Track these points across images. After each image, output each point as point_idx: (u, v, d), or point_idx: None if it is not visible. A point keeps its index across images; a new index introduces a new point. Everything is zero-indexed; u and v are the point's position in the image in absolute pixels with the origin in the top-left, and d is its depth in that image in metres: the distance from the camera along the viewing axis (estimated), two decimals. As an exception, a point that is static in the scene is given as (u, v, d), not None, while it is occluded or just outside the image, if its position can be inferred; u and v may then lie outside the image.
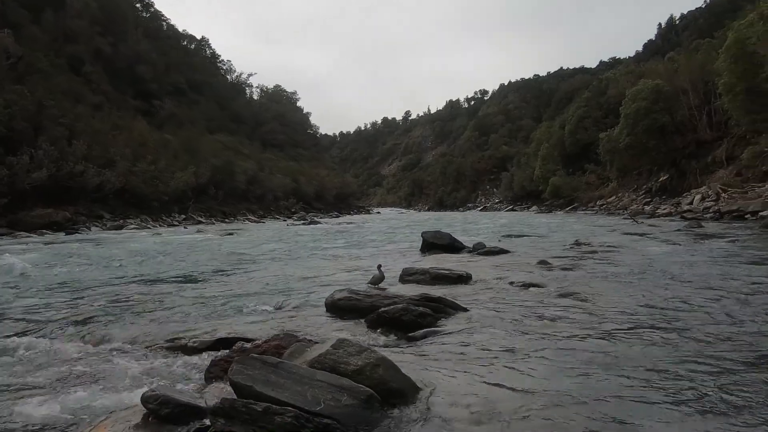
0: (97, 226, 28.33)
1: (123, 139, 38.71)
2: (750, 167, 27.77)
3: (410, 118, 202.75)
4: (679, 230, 16.03)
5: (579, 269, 7.77)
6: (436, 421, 2.39)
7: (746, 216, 19.73)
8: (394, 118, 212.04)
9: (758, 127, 27.65)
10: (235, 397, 2.33)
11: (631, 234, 15.57)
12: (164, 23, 79.17)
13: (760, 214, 18.69)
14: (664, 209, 29.90)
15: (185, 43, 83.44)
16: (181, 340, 4.18)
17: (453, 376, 3.01)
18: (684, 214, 24.55)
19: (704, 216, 22.72)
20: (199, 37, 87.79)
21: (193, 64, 75.21)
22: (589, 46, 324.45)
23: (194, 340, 4.14)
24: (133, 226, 30.31)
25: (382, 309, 4.56)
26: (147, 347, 4.15)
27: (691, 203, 27.70)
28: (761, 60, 23.68)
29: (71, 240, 19.46)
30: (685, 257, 9.01)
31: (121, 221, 31.11)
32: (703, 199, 27.20)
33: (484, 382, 2.90)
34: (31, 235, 22.04)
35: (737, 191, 25.64)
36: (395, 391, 2.63)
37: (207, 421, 2.29)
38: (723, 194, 25.84)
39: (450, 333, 4.12)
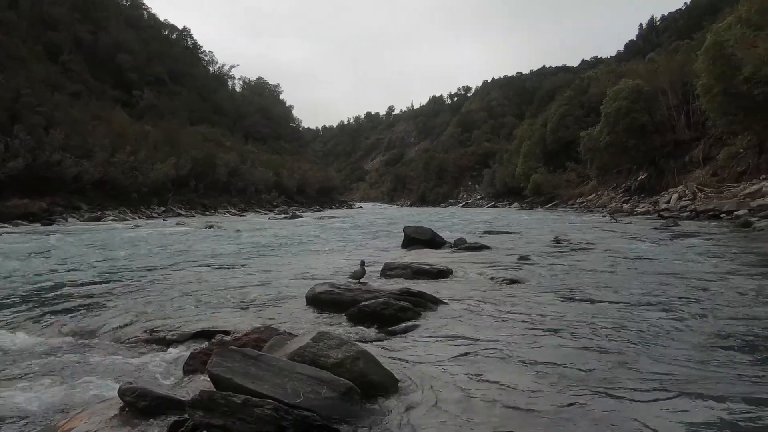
0: (74, 218, 27.89)
1: (102, 130, 38.05)
2: (726, 167, 28.32)
3: (393, 113, 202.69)
4: (656, 228, 16.29)
5: (558, 265, 7.86)
6: (416, 413, 2.41)
7: (721, 215, 20.10)
8: (377, 113, 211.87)
9: (734, 129, 28.17)
10: (214, 389, 2.32)
11: (609, 231, 15.79)
12: (145, 12, 78.15)
13: (735, 213, 19.05)
14: (643, 208, 30.34)
15: (166, 32, 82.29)
16: (160, 332, 4.14)
17: (433, 369, 3.03)
18: (661, 213, 24.92)
19: (681, 215, 23.10)
20: (180, 27, 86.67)
21: (174, 55, 74.20)
22: (571, 45, 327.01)
23: (173, 332, 4.10)
24: (111, 217, 29.90)
25: (363, 303, 4.57)
26: (125, 340, 4.11)
27: (668, 202, 28.15)
28: (738, 62, 24.09)
29: (47, 231, 19.13)
30: (660, 254, 9.17)
31: (99, 213, 30.67)
32: (680, 198, 27.66)
33: (464, 375, 2.92)
34: (6, 225, 21.62)
35: (713, 191, 26.11)
36: (375, 384, 2.65)
37: (185, 414, 2.28)
38: (699, 194, 26.30)
39: (430, 327, 4.15)
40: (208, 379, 2.51)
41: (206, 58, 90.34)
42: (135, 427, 2.37)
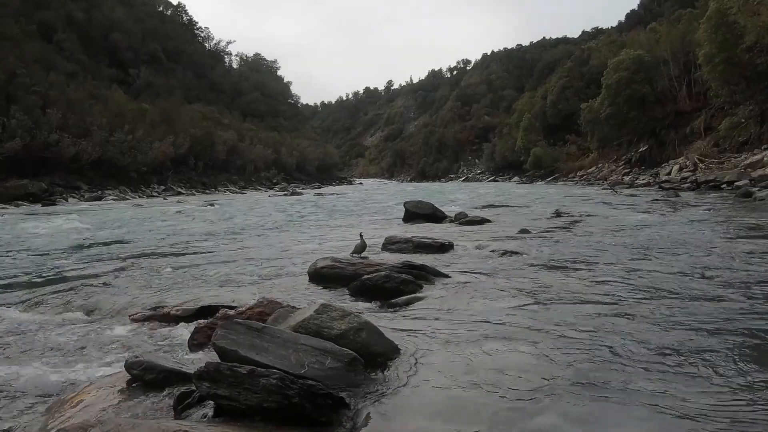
0: (74, 198, 27.91)
1: (99, 109, 37.77)
2: (727, 138, 28.19)
3: (392, 88, 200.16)
4: (656, 200, 16.30)
5: (559, 238, 7.89)
6: (418, 382, 2.44)
7: (722, 186, 20.09)
8: (376, 88, 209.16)
9: (736, 98, 27.97)
10: (219, 361, 2.35)
11: (610, 204, 15.80)
12: (138, -12, 76.62)
13: (736, 183, 19.04)
14: (643, 179, 30.29)
15: (161, 9, 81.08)
16: (165, 308, 4.17)
17: (434, 339, 3.07)
18: (662, 185, 24.89)
19: (682, 186, 23.08)
20: (175, 2, 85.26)
21: (169, 32, 73.22)
22: (571, 15, 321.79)
23: (177, 308, 4.13)
24: (111, 197, 29.91)
25: (365, 276, 4.60)
26: (130, 316, 4.14)
27: (669, 173, 28.08)
28: (741, 30, 23.80)
29: (48, 212, 19.15)
30: (660, 225, 9.19)
31: (99, 192, 30.67)
32: (681, 169, 27.58)
33: (465, 345, 2.95)
34: (7, 206, 21.63)
35: (714, 161, 26.04)
36: (378, 354, 2.68)
37: (192, 386, 2.31)
38: (700, 165, 26.23)
39: (432, 299, 4.17)
40: (214, 352, 2.54)
41: (202, 35, 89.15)
42: (142, 400, 2.40)
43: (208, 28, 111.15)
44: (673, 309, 3.62)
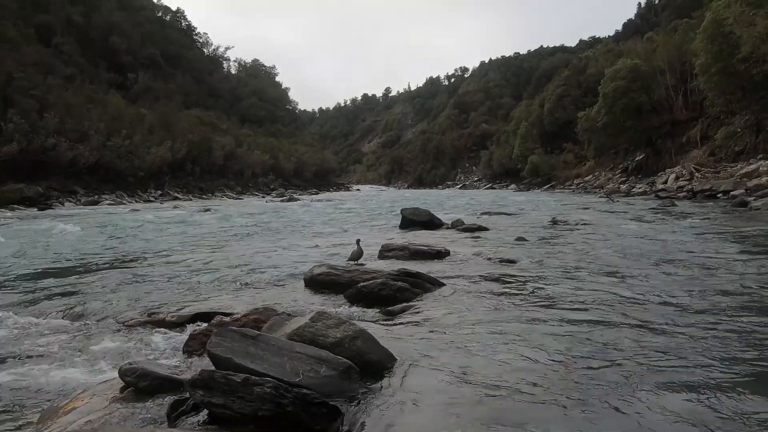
0: (71, 202, 27.85)
1: (97, 113, 37.75)
2: (723, 147, 28.28)
3: (390, 95, 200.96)
4: (652, 209, 16.34)
5: (555, 246, 7.90)
6: (413, 391, 2.44)
7: (718, 195, 20.16)
8: (374, 95, 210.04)
9: (732, 108, 28.11)
10: (214, 369, 2.34)
11: (606, 212, 15.82)
12: (138, -7, 76.74)
13: (731, 193, 19.11)
14: (640, 188, 30.39)
15: (160, 14, 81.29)
16: (160, 314, 4.16)
17: (430, 348, 3.06)
18: (658, 193, 24.96)
19: (678, 195, 23.14)
20: (174, 8, 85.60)
21: (168, 37, 73.35)
22: (569, 24, 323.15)
23: (172, 314, 4.12)
24: (108, 201, 29.83)
25: (361, 284, 4.59)
26: (125, 322, 4.13)
27: (665, 182, 28.16)
28: (737, 41, 23.95)
29: (44, 216, 19.09)
30: (655, 235, 9.20)
31: (96, 197, 30.60)
32: (677, 178, 27.67)
33: (460, 355, 2.95)
34: (3, 210, 21.55)
35: (710, 171, 26.13)
36: (373, 363, 2.67)
37: (186, 393, 2.30)
38: (696, 174, 26.31)
39: (428, 307, 4.17)
40: (208, 360, 2.53)
41: (201, 40, 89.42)
42: (136, 407, 2.39)
43: (206, 33, 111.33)
44: (661, 315, 3.63)
